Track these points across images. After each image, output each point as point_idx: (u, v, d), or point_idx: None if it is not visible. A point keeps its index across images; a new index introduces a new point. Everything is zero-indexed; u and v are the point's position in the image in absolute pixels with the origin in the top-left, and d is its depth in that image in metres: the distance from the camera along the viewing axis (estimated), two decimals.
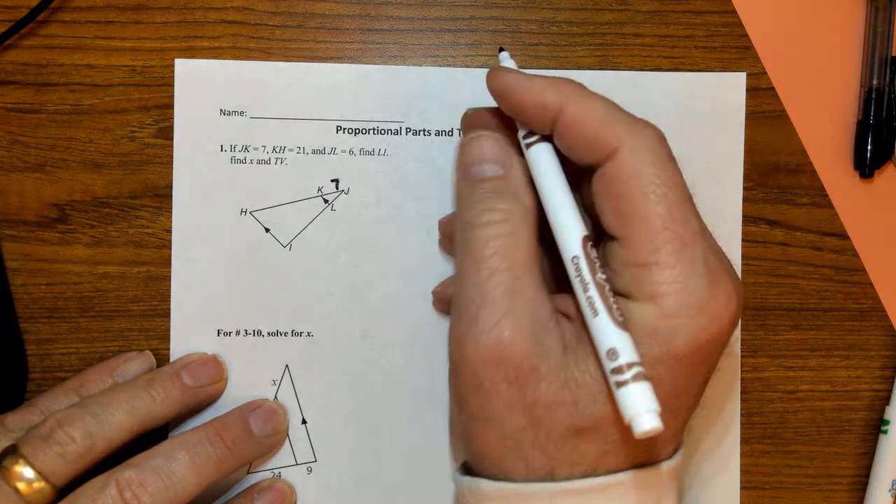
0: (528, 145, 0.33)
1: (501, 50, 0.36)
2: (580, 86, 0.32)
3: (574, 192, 0.32)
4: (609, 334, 0.28)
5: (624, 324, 0.29)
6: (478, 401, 0.30)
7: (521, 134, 0.33)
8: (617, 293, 0.30)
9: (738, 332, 0.41)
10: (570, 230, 0.31)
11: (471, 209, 0.32)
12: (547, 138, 0.32)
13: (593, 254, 0.30)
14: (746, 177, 0.41)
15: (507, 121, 0.34)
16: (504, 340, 0.29)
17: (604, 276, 0.30)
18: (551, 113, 0.31)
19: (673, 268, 0.29)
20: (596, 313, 0.29)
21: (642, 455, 0.30)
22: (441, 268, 0.40)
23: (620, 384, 0.28)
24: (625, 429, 0.28)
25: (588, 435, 0.29)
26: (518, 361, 0.29)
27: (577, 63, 0.41)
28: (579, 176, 0.32)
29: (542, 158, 0.32)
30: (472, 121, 0.36)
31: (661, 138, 0.31)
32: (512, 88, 0.32)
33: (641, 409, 0.27)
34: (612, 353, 0.28)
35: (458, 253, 0.32)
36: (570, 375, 0.29)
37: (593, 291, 0.29)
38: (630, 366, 0.28)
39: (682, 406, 0.30)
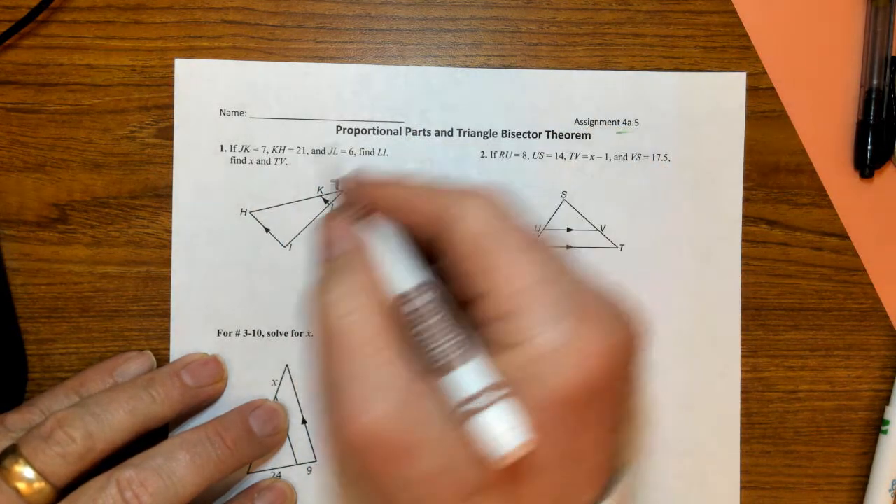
0: (372, 221, 0.33)
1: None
2: (411, 178, 0.33)
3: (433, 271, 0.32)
4: (453, 375, 0.28)
5: (467, 354, 0.28)
6: (368, 484, 0.30)
7: (363, 211, 0.34)
8: (490, 347, 0.29)
9: (736, 332, 0.41)
10: (403, 273, 0.31)
11: (317, 290, 0.31)
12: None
13: (425, 298, 0.30)
14: (746, 177, 0.41)
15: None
16: (363, 428, 0.28)
17: (440, 319, 0.30)
18: (394, 206, 0.32)
19: (538, 310, 0.28)
20: (435, 359, 0.29)
21: None
22: None
23: (469, 417, 0.27)
24: (525, 482, 0.27)
25: (477, 498, 0.28)
26: (387, 442, 0.28)
27: (577, 63, 0.41)
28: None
29: (384, 232, 0.33)
30: (347, 194, 0.36)
31: (497, 193, 0.31)
32: (360, 189, 0.34)
33: (498, 430, 0.26)
34: (457, 391, 0.28)
35: (314, 337, 0.31)
36: (447, 441, 0.28)
37: (431, 340, 0.29)
38: (479, 394, 0.27)
39: (577, 453, 0.29)
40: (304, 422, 0.40)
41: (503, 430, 0.26)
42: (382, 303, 0.31)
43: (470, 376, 0.28)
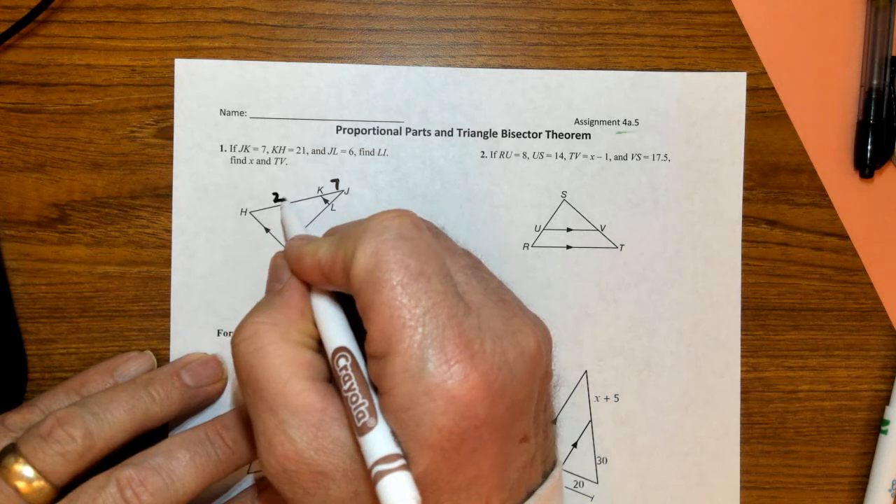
0: None
1: (283, 200, 0.39)
2: (323, 240, 0.33)
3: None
4: (365, 437, 0.28)
5: (370, 422, 0.28)
6: None
7: None
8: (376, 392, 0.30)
9: (736, 332, 0.41)
10: (326, 332, 0.31)
11: (236, 328, 0.32)
12: None
13: (341, 363, 0.30)
14: (746, 177, 0.41)
15: None
16: (278, 457, 0.30)
17: (354, 382, 0.30)
18: (318, 273, 0.32)
19: (401, 355, 0.28)
20: (351, 419, 0.29)
21: None
22: None
23: (375, 481, 0.27)
24: None
25: None
26: (298, 472, 0.30)
27: (577, 63, 0.41)
28: None
29: (315, 291, 0.33)
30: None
31: (393, 218, 0.30)
32: (292, 262, 0.34)
33: (395, 500, 0.27)
34: (373, 447, 0.28)
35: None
36: (357, 469, 0.29)
37: (359, 389, 0.29)
38: (381, 460, 0.27)
39: (470, 482, 0.29)
40: None
41: (396, 501, 0.27)
42: (294, 337, 0.32)
43: (368, 445, 0.28)
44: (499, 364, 0.29)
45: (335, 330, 0.31)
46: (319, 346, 0.32)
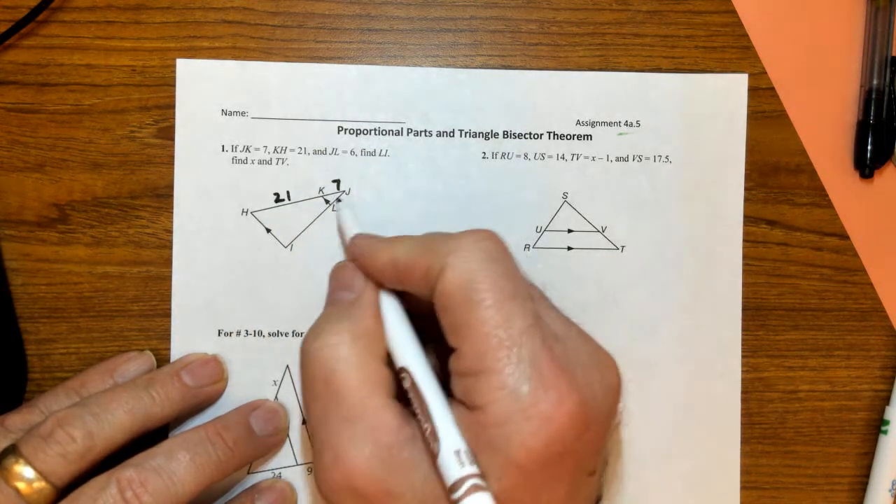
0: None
1: (338, 201, 0.39)
2: (403, 238, 0.33)
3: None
4: (442, 452, 0.28)
5: (453, 440, 0.28)
6: None
7: None
8: (459, 403, 0.30)
9: (736, 332, 0.41)
10: (398, 349, 0.32)
11: (313, 332, 0.32)
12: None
13: (406, 383, 0.30)
14: (747, 177, 0.41)
15: None
16: (347, 472, 0.29)
17: (434, 394, 0.30)
18: (391, 271, 0.32)
19: (499, 374, 0.28)
20: (428, 426, 0.29)
21: None
22: None
23: (459, 497, 0.27)
24: None
25: None
26: (365, 489, 0.29)
27: (577, 63, 0.41)
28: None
29: (384, 302, 0.33)
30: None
31: (481, 242, 0.31)
32: (360, 258, 0.34)
33: None
34: (447, 471, 0.28)
35: (301, 381, 0.32)
36: (430, 490, 0.29)
37: (420, 412, 0.29)
38: (463, 480, 0.27)
39: None
40: (304, 422, 0.40)
41: None
42: (375, 352, 0.32)
43: (445, 465, 0.28)
44: (589, 395, 0.29)
45: (410, 346, 0.32)
46: (391, 361, 0.32)
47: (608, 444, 0.34)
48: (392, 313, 0.33)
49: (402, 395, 0.31)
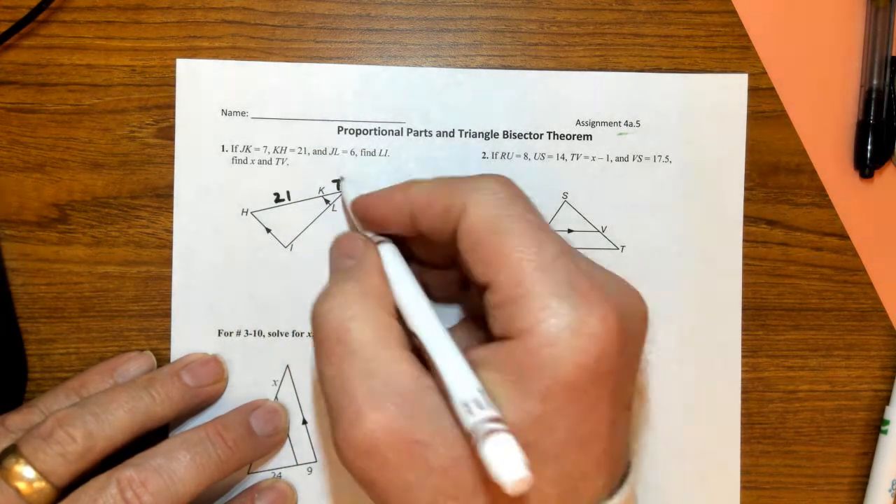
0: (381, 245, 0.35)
1: (341, 179, 0.39)
2: (418, 180, 0.34)
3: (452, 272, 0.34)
4: (454, 405, 0.28)
5: (462, 390, 0.28)
6: (377, 492, 0.29)
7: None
8: (499, 338, 0.30)
9: (736, 332, 0.41)
10: (408, 309, 0.32)
11: (322, 296, 0.32)
12: (388, 237, 0.35)
13: (430, 326, 0.31)
14: (746, 177, 0.41)
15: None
16: (369, 429, 0.28)
17: (446, 339, 0.30)
18: (407, 212, 0.33)
19: (539, 296, 0.28)
20: (442, 377, 0.29)
21: (566, 497, 0.29)
22: None
23: (476, 444, 0.26)
24: (534, 472, 0.27)
25: (489, 488, 0.28)
26: (391, 443, 0.28)
27: (577, 63, 0.41)
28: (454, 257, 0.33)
29: (384, 255, 0.34)
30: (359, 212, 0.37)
31: (503, 182, 0.31)
32: (371, 207, 0.35)
33: (502, 463, 0.25)
34: (463, 422, 0.27)
35: (314, 346, 0.32)
36: (460, 431, 0.28)
37: (433, 361, 0.29)
38: (480, 423, 0.26)
39: (591, 436, 0.29)
40: (304, 422, 0.40)
41: (501, 466, 0.26)
42: (384, 307, 0.32)
43: (460, 417, 0.28)
44: (625, 315, 0.29)
45: (418, 301, 0.32)
46: (399, 316, 0.32)
47: (636, 384, 0.33)
48: (400, 274, 0.33)
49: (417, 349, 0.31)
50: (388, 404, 0.29)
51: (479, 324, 0.35)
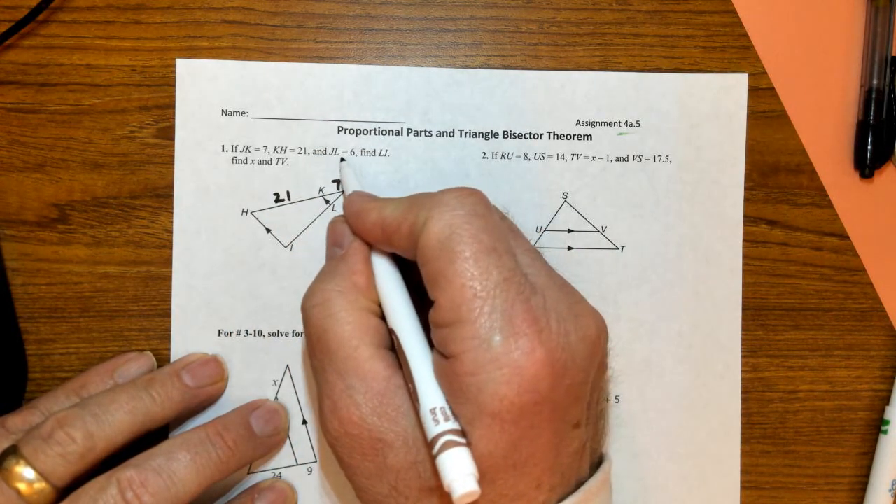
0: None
1: (342, 160, 0.40)
2: (393, 200, 0.34)
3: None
4: (421, 410, 0.29)
5: (430, 399, 0.29)
6: (349, 473, 0.32)
7: None
8: (438, 358, 0.30)
9: (736, 332, 0.41)
10: (388, 309, 0.33)
11: (308, 291, 0.34)
12: None
13: (408, 329, 0.31)
14: (746, 177, 0.41)
15: None
16: (343, 421, 0.31)
17: (422, 345, 0.31)
18: (379, 231, 0.33)
19: (472, 324, 0.29)
20: (411, 384, 0.30)
21: None
22: None
23: (435, 453, 0.28)
24: (481, 485, 0.28)
25: (437, 494, 0.30)
26: (361, 437, 0.31)
27: (577, 63, 0.41)
28: None
29: (377, 262, 0.34)
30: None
31: (465, 197, 0.31)
32: (351, 217, 0.35)
33: (455, 475, 0.27)
34: (426, 429, 0.29)
35: (305, 336, 0.34)
36: (418, 437, 0.30)
37: (407, 364, 0.31)
38: (438, 437, 0.28)
39: (527, 459, 0.30)
40: (304, 422, 0.40)
41: (453, 477, 0.28)
42: (364, 305, 0.33)
43: (424, 423, 0.29)
44: (563, 344, 0.30)
45: (397, 303, 0.33)
46: (382, 311, 0.33)
47: (599, 398, 0.34)
48: (383, 273, 0.34)
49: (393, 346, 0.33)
50: (360, 401, 0.31)
51: None
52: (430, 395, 0.29)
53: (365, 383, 0.31)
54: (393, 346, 0.32)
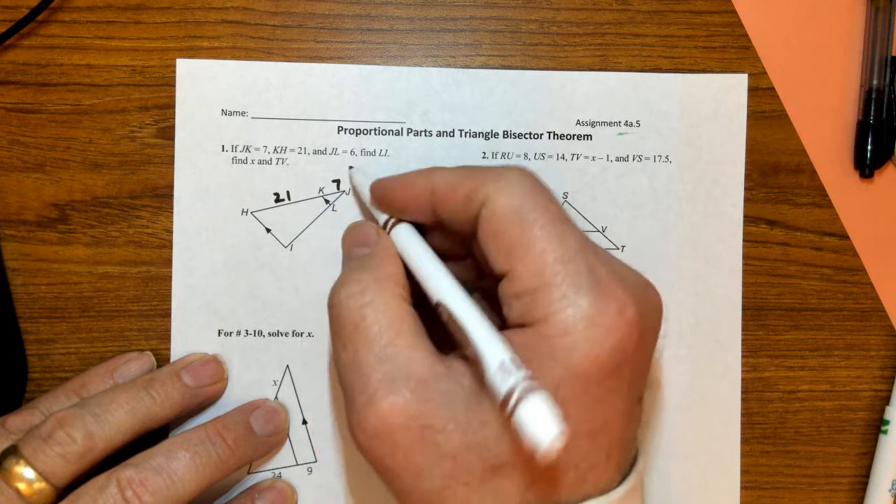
0: (390, 228, 0.35)
1: (351, 168, 0.39)
2: (440, 167, 0.34)
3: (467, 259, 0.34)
4: (488, 370, 0.28)
5: (497, 354, 0.28)
6: (389, 477, 0.30)
7: (381, 221, 0.35)
8: (513, 327, 0.30)
9: (736, 332, 0.41)
10: (431, 283, 0.32)
11: (337, 285, 0.32)
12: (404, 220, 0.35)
13: (457, 296, 0.30)
14: (746, 177, 0.41)
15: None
16: (382, 413, 0.29)
17: (474, 307, 0.30)
18: (428, 197, 0.33)
19: (558, 286, 0.29)
20: (469, 350, 0.29)
21: (574, 486, 0.29)
22: None
23: (511, 408, 0.26)
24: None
25: (505, 471, 0.29)
26: (405, 427, 0.29)
27: (577, 63, 0.41)
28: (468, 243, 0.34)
29: (402, 234, 0.34)
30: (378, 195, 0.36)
31: (526, 173, 0.32)
32: (391, 190, 0.35)
33: (542, 419, 0.25)
34: (497, 386, 0.27)
35: (330, 333, 0.32)
36: (472, 418, 0.29)
37: (462, 338, 0.29)
38: (514, 388, 0.26)
39: (602, 427, 0.29)
40: (304, 422, 0.40)
41: (540, 423, 0.26)
42: (399, 294, 0.32)
43: (494, 381, 0.27)
44: (644, 308, 0.30)
45: (441, 273, 0.32)
46: (415, 302, 0.33)
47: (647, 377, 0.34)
48: (419, 252, 0.33)
49: (435, 334, 0.32)
50: (403, 389, 0.29)
51: (491, 314, 0.35)
52: (496, 349, 0.28)
53: (408, 370, 0.30)
54: (432, 337, 0.31)
